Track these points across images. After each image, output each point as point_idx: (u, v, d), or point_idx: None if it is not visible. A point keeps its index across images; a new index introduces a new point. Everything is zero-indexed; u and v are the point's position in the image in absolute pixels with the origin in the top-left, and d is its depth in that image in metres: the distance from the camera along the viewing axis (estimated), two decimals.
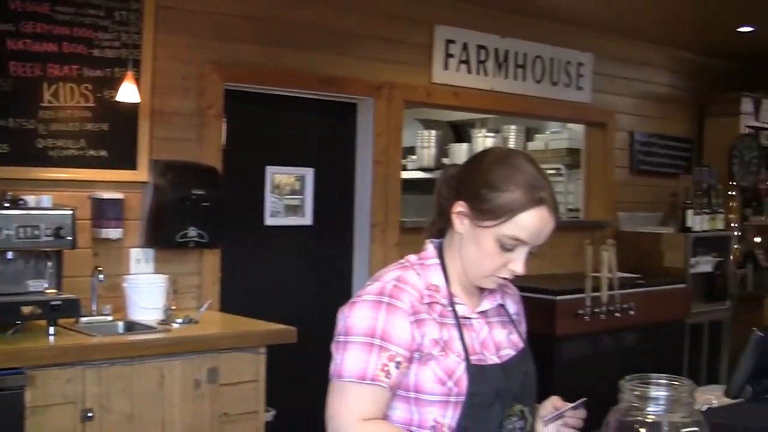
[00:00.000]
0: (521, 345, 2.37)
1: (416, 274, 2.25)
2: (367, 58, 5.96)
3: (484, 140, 8.41)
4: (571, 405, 2.28)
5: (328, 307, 2.28)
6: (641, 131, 7.96)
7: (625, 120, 7.82)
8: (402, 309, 2.16)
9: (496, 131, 8.70)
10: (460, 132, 9.31)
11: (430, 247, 2.33)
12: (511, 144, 8.37)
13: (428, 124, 9.02)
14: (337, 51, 5.79)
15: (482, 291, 2.33)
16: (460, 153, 8.47)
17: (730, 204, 7.99)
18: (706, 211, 7.43)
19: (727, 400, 2.14)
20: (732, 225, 7.90)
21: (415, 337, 2.16)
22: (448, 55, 6.37)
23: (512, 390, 2.25)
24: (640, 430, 1.86)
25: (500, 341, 2.31)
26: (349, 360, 2.14)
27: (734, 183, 8.13)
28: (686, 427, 1.87)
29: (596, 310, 6.05)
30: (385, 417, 2.19)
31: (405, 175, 6.81)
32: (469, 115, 8.39)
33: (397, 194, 6.16)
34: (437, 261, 2.30)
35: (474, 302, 2.32)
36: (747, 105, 8.31)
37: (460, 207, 2.22)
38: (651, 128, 8.06)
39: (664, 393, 1.90)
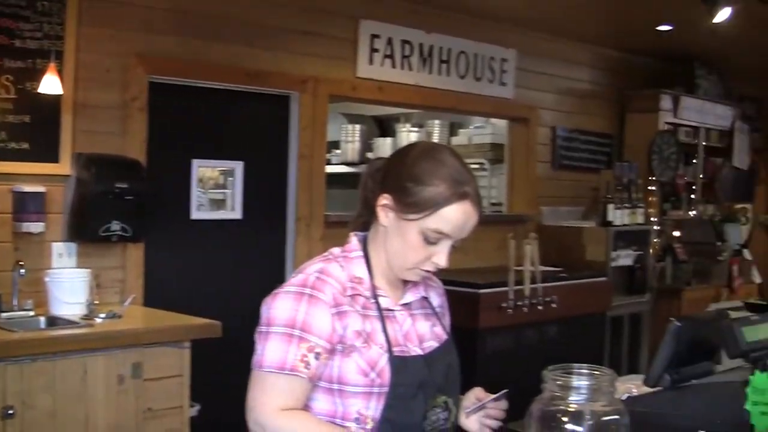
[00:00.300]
0: (445, 337, 2.39)
1: (339, 267, 2.27)
2: (293, 52, 5.94)
3: (408, 135, 8.46)
4: (493, 396, 2.32)
5: (256, 302, 2.27)
6: (563, 126, 8.06)
7: (548, 115, 7.92)
8: (323, 301, 2.17)
9: (420, 126, 8.75)
10: (385, 126, 9.35)
11: (354, 240, 2.35)
12: (435, 139, 8.43)
13: (353, 119, 9.04)
14: (262, 44, 5.77)
15: (406, 283, 2.35)
16: (384, 147, 8.51)
17: (650, 198, 8.13)
18: (626, 205, 7.55)
19: (647, 389, 2.19)
20: (651, 219, 8.04)
21: (336, 328, 2.17)
22: (373, 50, 6.38)
23: (436, 381, 2.27)
24: (562, 419, 1.89)
25: (423, 333, 2.33)
26: (270, 350, 2.15)
27: (653, 178, 8.27)
28: (607, 416, 1.90)
29: (519, 303, 6.12)
30: (305, 408, 2.19)
31: (329, 169, 6.82)
32: (394, 109, 8.43)
33: (322, 188, 6.16)
34: (361, 254, 2.31)
35: (397, 295, 2.34)
36: (666, 102, 8.46)
37: (385, 200, 2.24)
38: (573, 124, 8.17)
39: (586, 382, 1.93)
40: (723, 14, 6.47)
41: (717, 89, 9.39)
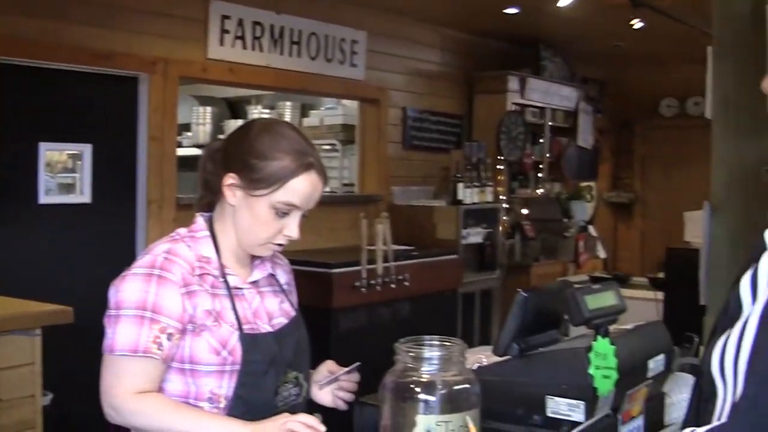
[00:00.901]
0: (293, 313, 2.43)
1: (187, 247, 2.28)
2: (142, 33, 5.83)
3: (260, 116, 8.41)
4: (345, 369, 2.36)
5: (107, 286, 2.25)
6: (414, 107, 8.15)
7: (398, 97, 7.99)
8: (173, 281, 2.18)
9: (272, 107, 8.73)
10: (236, 109, 9.29)
11: (199, 220, 2.36)
12: (287, 120, 8.41)
13: (204, 101, 8.95)
14: (111, 25, 5.63)
15: (253, 261, 2.38)
16: None
17: (498, 177, 8.31)
18: (475, 184, 7.69)
19: (496, 358, 2.25)
20: (500, 198, 8.22)
21: (186, 308, 2.18)
22: (224, 31, 6.32)
23: (286, 357, 2.31)
24: (415, 389, 1.94)
25: (272, 310, 2.37)
26: (121, 333, 2.14)
27: (502, 157, 8.45)
28: (458, 385, 1.96)
29: (372, 282, 6.19)
30: (159, 389, 2.19)
31: (181, 152, 6.74)
32: (245, 91, 8.38)
33: (173, 171, 6.08)
34: (207, 233, 2.32)
35: (245, 273, 2.36)
36: (513, 83, 8.65)
37: (231, 179, 2.26)
38: (423, 105, 8.26)
39: (437, 353, 1.98)
40: None
41: (562, 71, 9.65)
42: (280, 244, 2.31)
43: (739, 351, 1.25)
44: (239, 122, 8.51)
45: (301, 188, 2.23)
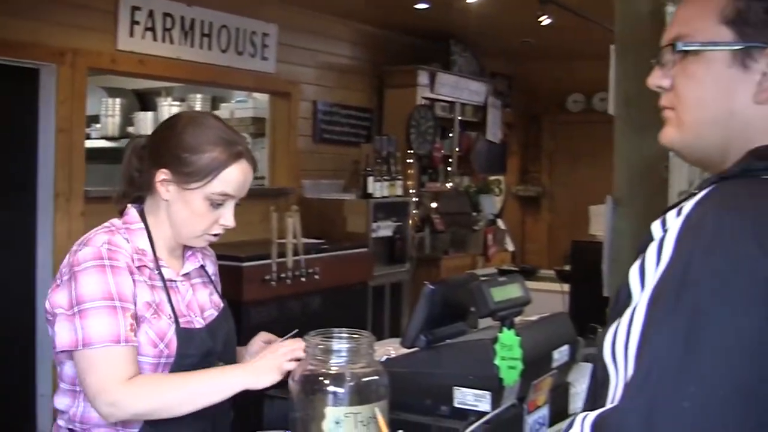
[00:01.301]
0: (222, 304, 2.48)
1: (124, 239, 2.28)
2: (49, 23, 5.71)
3: (169, 108, 8.34)
4: (284, 338, 2.37)
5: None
6: (324, 101, 8.15)
7: (309, 90, 7.99)
8: (123, 268, 2.19)
9: (182, 100, 8.65)
10: (146, 100, 9.17)
11: (132, 212, 2.36)
12: None
13: (113, 92, 8.83)
14: (19, 14, 5.51)
15: (185, 254, 2.42)
16: (145, 121, 8.37)
17: (408, 171, 8.36)
18: (386, 178, 7.73)
19: (405, 350, 2.29)
20: (410, 191, 8.28)
21: (136, 294, 2.21)
22: (134, 23, 6.24)
23: (217, 350, 2.35)
24: (324, 381, 1.96)
25: (204, 303, 2.42)
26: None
27: (411, 151, 8.50)
28: (367, 377, 1.98)
29: (282, 275, 6.18)
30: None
31: (89, 144, 6.64)
32: (155, 83, 8.29)
33: (82, 163, 5.98)
34: (142, 225, 2.33)
35: (178, 265, 2.39)
36: (423, 77, 8.70)
37: (163, 175, 2.27)
38: (333, 98, 8.28)
39: (346, 345, 2.01)
40: None
41: (471, 66, 9.74)
42: (216, 234, 2.36)
43: (629, 337, 1.31)
44: (149, 114, 8.46)
45: (234, 177, 2.29)
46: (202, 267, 2.49)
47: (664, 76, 1.50)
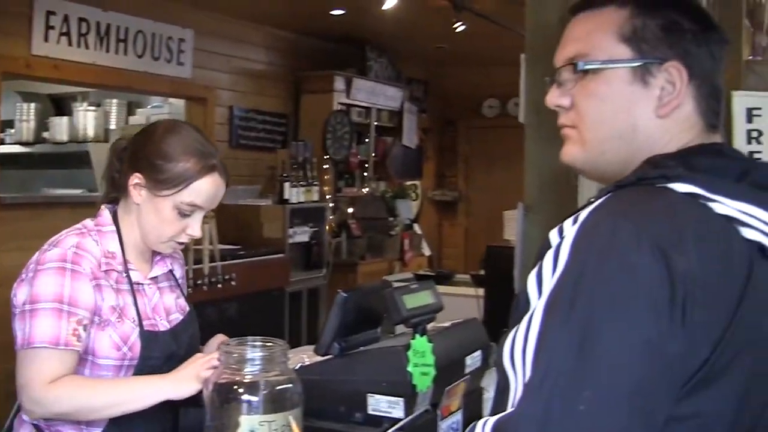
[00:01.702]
0: (188, 308, 2.53)
1: (94, 241, 2.31)
2: None
3: (85, 113, 8.24)
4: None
5: None
6: (240, 106, 8.13)
7: (225, 95, 7.96)
8: (84, 274, 2.22)
9: (98, 105, 8.54)
10: (61, 105, 9.04)
11: (105, 213, 2.40)
12: (113, 118, 8.29)
13: (27, 97, 8.68)
14: None
15: (154, 257, 2.46)
16: (61, 126, 8.25)
17: (325, 177, 8.37)
18: (302, 183, 7.72)
19: (319, 358, 2.30)
20: (326, 197, 8.29)
21: (97, 301, 2.23)
22: (49, 27, 6.15)
23: (180, 353, 2.37)
24: (238, 390, 1.97)
25: (170, 306, 2.46)
26: (40, 326, 2.15)
27: (328, 157, 8.52)
28: (281, 385, 2.00)
29: (199, 282, 6.15)
30: None
31: (3, 149, 6.54)
32: (70, 87, 8.18)
33: None
34: (113, 228, 2.37)
35: (147, 268, 2.43)
36: (339, 83, 8.73)
37: (137, 179, 2.32)
38: (250, 104, 8.26)
39: (260, 354, 2.02)
40: (391, 1, 6.79)
41: (387, 72, 9.80)
42: (181, 243, 2.38)
43: (526, 343, 1.34)
44: (64, 119, 8.33)
45: (205, 189, 2.32)
46: (171, 271, 2.52)
47: (562, 95, 1.52)
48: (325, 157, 8.45)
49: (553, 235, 1.44)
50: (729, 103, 3.07)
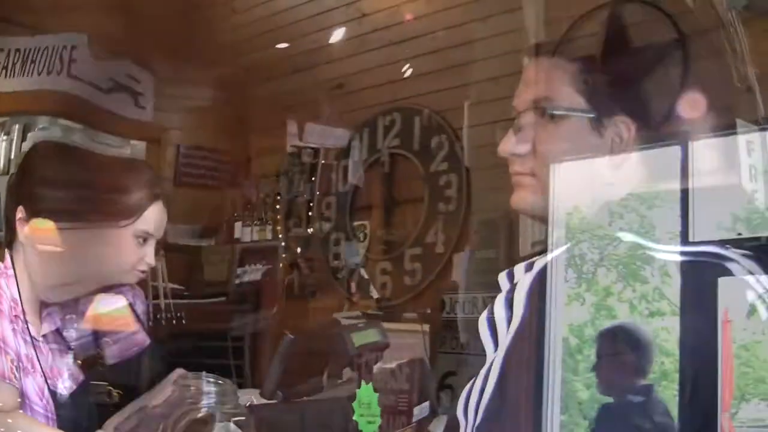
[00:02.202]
0: (81, 377, 2.31)
1: (6, 284, 2.14)
2: None
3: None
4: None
5: None
6: (187, 144, 8.07)
7: (173, 133, 7.89)
8: (5, 313, 2.07)
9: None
10: None
11: (7, 257, 2.20)
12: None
13: None
14: None
15: (41, 313, 2.24)
16: None
17: (277, 216, 8.33)
18: (256, 222, 7.68)
19: (265, 400, 2.30)
20: (279, 236, 8.25)
21: (17, 345, 2.07)
22: None
23: (83, 424, 2.25)
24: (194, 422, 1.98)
25: (62, 370, 2.25)
26: None
27: (279, 196, 8.48)
28: (236, 417, 2.02)
29: (159, 316, 6.13)
30: None
31: None
32: None
33: None
34: (13, 272, 2.17)
35: (38, 323, 2.24)
36: (291, 126, 8.70)
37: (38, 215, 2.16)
38: (198, 141, 8.18)
39: (214, 388, 2.04)
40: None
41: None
42: (144, 271, 2.34)
43: (482, 394, 1.34)
44: None
45: (156, 217, 2.33)
46: (58, 332, 2.31)
47: (520, 141, 1.51)
48: (277, 196, 8.40)
49: (503, 280, 1.43)
50: None
